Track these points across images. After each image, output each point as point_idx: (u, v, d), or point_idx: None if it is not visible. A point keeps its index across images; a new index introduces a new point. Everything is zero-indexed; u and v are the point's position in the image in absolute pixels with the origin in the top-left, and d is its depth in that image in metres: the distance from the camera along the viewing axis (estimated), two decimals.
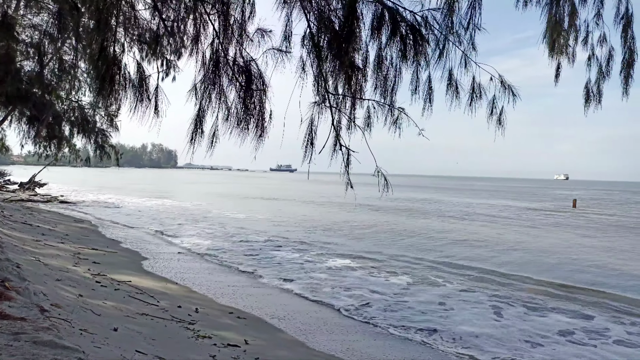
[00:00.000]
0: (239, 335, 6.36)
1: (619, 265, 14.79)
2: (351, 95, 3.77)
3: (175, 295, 8.32)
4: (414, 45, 3.57)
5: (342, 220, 25.90)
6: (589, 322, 8.63)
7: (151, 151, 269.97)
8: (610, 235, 22.38)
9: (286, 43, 3.75)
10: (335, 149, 3.85)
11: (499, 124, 3.98)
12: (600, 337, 7.86)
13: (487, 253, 16.20)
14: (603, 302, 10.12)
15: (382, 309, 8.94)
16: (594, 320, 8.82)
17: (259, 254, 14.30)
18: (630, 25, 4.54)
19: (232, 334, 6.41)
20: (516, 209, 39.25)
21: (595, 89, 4.64)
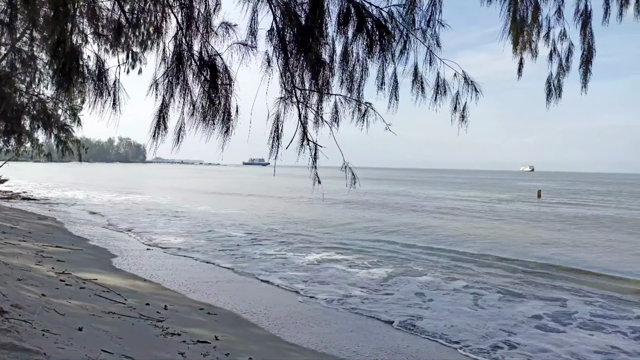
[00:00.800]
0: (210, 332, 6.31)
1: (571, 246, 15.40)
2: (318, 90, 3.77)
3: (143, 293, 8.18)
4: (379, 40, 3.59)
5: (316, 214, 25.99)
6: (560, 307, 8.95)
7: (118, 145, 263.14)
8: (567, 223, 23.26)
9: (251, 38, 3.71)
10: (303, 144, 3.84)
11: (462, 119, 4.06)
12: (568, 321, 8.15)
13: (454, 239, 16.58)
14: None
15: (360, 301, 9.04)
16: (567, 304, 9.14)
17: (233, 249, 14.20)
18: (588, 22, 4.70)
19: (202, 331, 6.36)
20: (484, 199, 40.33)
21: (556, 83, 4.78)
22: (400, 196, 42.83)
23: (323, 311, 8.37)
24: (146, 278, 9.56)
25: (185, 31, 3.73)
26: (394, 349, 6.63)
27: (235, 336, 6.51)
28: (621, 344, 7.20)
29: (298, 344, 6.56)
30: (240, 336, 6.61)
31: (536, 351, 6.78)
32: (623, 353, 6.83)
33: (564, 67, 4.75)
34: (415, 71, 3.89)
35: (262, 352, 6.02)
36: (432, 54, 3.82)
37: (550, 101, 4.74)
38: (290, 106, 3.79)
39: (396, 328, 7.63)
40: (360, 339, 6.99)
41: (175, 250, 13.74)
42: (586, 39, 4.66)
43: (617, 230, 21.06)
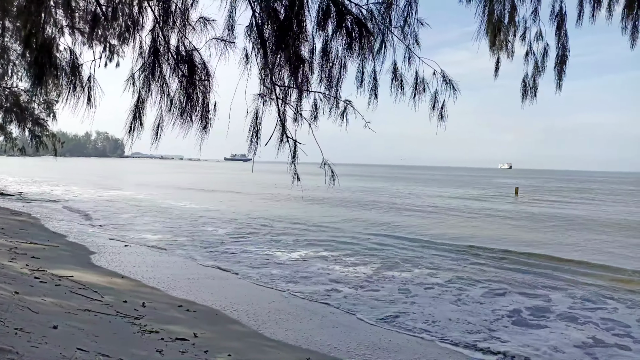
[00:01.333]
0: (188, 329, 6.26)
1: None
2: (297, 87, 3.76)
3: (121, 290, 8.06)
4: (359, 38, 3.61)
5: (297, 211, 25.97)
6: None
7: (96, 140, 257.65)
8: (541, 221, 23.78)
9: (230, 33, 3.67)
10: (282, 141, 3.83)
11: (440, 117, 4.11)
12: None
13: (437, 236, 16.79)
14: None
15: (343, 297, 9.08)
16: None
17: (214, 246, 14.10)
18: (563, 23, 4.80)
19: (181, 328, 6.30)
20: (462, 196, 40.91)
21: (532, 82, 4.88)
22: (379, 193, 43.16)
23: (305, 308, 8.38)
24: (124, 275, 9.42)
25: (162, 25, 3.67)
26: (375, 345, 6.68)
27: (214, 333, 6.47)
28: (601, 335, 7.42)
29: (279, 340, 6.57)
30: (219, 333, 6.57)
31: (517, 344, 6.94)
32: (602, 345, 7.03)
33: (539, 67, 4.86)
34: (394, 69, 3.92)
35: (241, 349, 6.01)
36: (411, 52, 3.85)
37: (526, 100, 4.84)
38: (269, 103, 3.78)
39: (378, 324, 7.69)
40: (342, 334, 7.03)
41: (155, 246, 13.58)
42: (561, 40, 4.77)
43: (589, 230, 21.62)
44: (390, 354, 6.38)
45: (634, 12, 4.61)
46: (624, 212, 29.45)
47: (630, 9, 4.60)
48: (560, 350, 6.77)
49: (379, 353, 6.39)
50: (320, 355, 6.15)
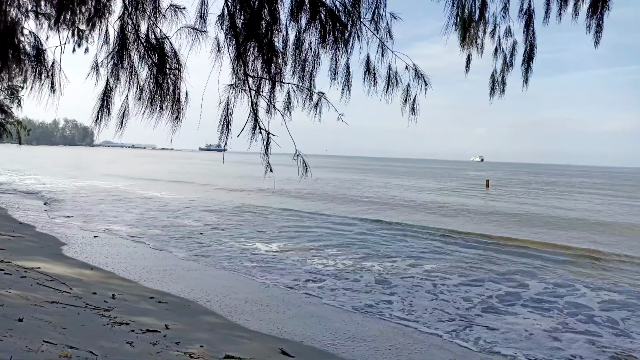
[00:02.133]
0: (160, 320, 6.21)
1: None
2: (271, 78, 3.75)
3: (90, 282, 7.92)
4: (333, 31, 3.61)
5: (272, 202, 25.92)
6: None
7: (64, 128, 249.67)
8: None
9: (201, 22, 3.62)
10: (255, 132, 3.82)
11: (412, 111, 4.17)
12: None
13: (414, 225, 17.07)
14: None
15: (319, 287, 9.20)
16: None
17: (189, 237, 13.97)
18: (531, 20, 4.92)
19: (152, 320, 6.25)
20: (435, 189, 41.70)
21: (500, 79, 5.00)
22: (354, 185, 43.47)
23: (281, 298, 8.43)
24: (94, 266, 9.26)
25: (131, 12, 3.59)
26: (351, 334, 6.78)
27: (186, 324, 6.45)
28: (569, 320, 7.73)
29: (253, 330, 6.61)
30: (191, 324, 6.55)
31: (493, 329, 7.18)
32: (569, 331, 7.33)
33: (508, 63, 4.98)
34: (367, 62, 3.95)
35: (214, 340, 6.00)
36: (384, 46, 3.89)
37: (494, 96, 4.96)
38: (242, 93, 3.76)
39: (355, 312, 7.80)
40: (317, 324, 7.11)
41: (128, 237, 13.35)
42: (529, 37, 4.89)
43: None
44: (366, 342, 6.49)
45: (598, 11, 4.76)
46: (582, 207, 30.58)
47: (594, 9, 4.74)
48: (529, 336, 7.04)
49: (353, 341, 6.49)
50: (295, 344, 6.22)
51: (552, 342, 6.91)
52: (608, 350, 6.67)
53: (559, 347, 6.74)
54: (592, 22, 4.90)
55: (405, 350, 6.34)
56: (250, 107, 3.77)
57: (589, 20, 4.91)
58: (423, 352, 6.36)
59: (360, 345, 6.37)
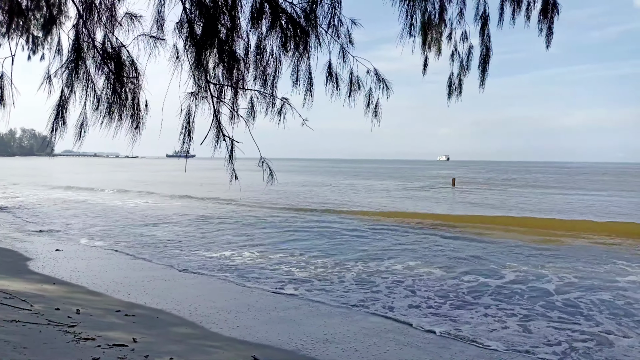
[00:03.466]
0: (127, 334, 6.05)
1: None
2: (232, 85, 3.73)
3: (53, 297, 7.64)
4: (294, 36, 3.63)
5: (242, 209, 25.72)
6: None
7: (21, 137, 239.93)
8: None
9: (159, 29, 3.57)
10: (218, 140, 3.79)
11: (375, 114, 4.23)
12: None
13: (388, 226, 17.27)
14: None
15: (294, 290, 9.20)
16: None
17: (159, 247, 13.68)
18: (486, 24, 5.09)
19: (119, 333, 6.09)
20: (403, 187, 42.37)
21: (457, 82, 5.14)
22: (322, 187, 43.65)
23: (256, 304, 8.33)
24: (57, 280, 8.94)
25: (86, 20, 3.50)
26: (327, 336, 6.78)
27: (155, 337, 6.31)
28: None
29: (225, 338, 6.52)
30: (161, 336, 6.41)
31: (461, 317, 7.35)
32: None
33: (464, 66, 5.13)
34: (329, 67, 3.99)
35: (184, 351, 5.89)
36: (345, 51, 3.93)
37: (452, 98, 5.10)
38: (203, 101, 3.72)
39: (332, 314, 7.82)
40: (292, 328, 7.07)
41: (94, 249, 12.96)
42: (484, 40, 5.06)
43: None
44: (343, 343, 6.51)
45: (549, 15, 4.98)
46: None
47: (545, 13, 4.96)
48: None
49: (331, 343, 6.49)
50: (269, 350, 6.18)
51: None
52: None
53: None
54: (543, 26, 5.12)
55: (383, 348, 6.41)
56: (212, 114, 3.74)
57: (540, 24, 5.12)
58: (404, 349, 6.43)
59: (336, 348, 6.39)
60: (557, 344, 6.75)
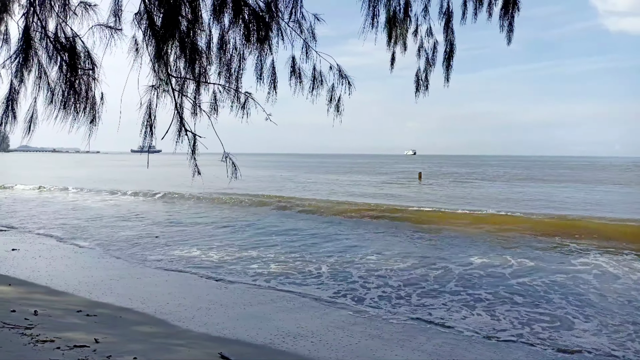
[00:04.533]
0: (89, 335, 5.87)
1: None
2: (194, 78, 3.64)
3: (8, 299, 7.33)
4: (257, 30, 3.58)
5: (207, 207, 25.39)
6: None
7: None
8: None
9: (116, 20, 3.43)
10: (180, 134, 3.70)
11: (337, 110, 4.23)
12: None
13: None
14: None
15: (263, 284, 9.21)
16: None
17: (124, 245, 13.32)
18: (450, 20, 5.17)
19: (80, 334, 5.90)
20: (371, 182, 42.86)
21: (424, 77, 5.22)
22: (288, 181, 43.61)
23: (224, 300, 8.24)
24: (12, 281, 8.57)
25: (37, 8, 3.32)
26: (297, 330, 6.78)
27: (118, 336, 6.15)
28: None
29: (192, 336, 6.42)
30: (124, 336, 6.26)
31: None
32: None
33: (430, 62, 5.20)
34: (292, 62, 3.96)
35: (149, 350, 5.77)
36: (308, 47, 3.91)
37: (419, 93, 5.17)
38: (165, 95, 3.62)
39: (301, 307, 7.84)
40: (261, 323, 7.03)
41: (56, 247, 12.49)
42: (448, 36, 5.14)
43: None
44: (311, 338, 6.52)
45: (509, 12, 5.11)
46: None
47: (506, 10, 5.09)
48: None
49: (300, 339, 6.50)
50: (237, 346, 6.13)
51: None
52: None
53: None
54: (504, 22, 5.25)
55: (354, 339, 6.48)
56: (174, 108, 3.64)
57: (502, 21, 5.25)
58: (374, 340, 6.50)
59: (307, 341, 6.41)
60: (521, 326, 7.05)
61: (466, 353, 6.19)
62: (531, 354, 6.17)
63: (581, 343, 6.56)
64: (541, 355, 6.15)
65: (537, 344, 6.51)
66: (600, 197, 28.83)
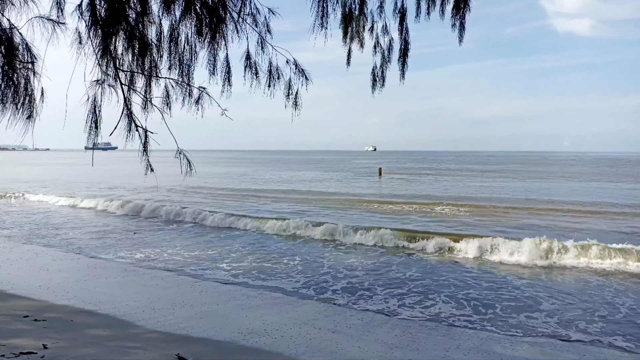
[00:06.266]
0: (37, 340, 5.61)
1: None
2: (144, 72, 3.52)
3: None
4: (210, 23, 3.50)
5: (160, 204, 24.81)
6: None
7: None
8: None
9: (58, 11, 3.27)
10: (131, 131, 3.58)
11: (295, 105, 4.21)
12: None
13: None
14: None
15: (219, 282, 9.12)
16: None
17: (76, 245, 12.79)
18: (405, 18, 5.24)
19: (27, 340, 5.62)
20: (329, 178, 43.19)
21: (380, 73, 5.27)
22: (245, 177, 43.29)
23: (179, 300, 8.07)
24: None
25: None
26: (254, 327, 6.73)
27: (69, 341, 5.90)
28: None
29: (147, 337, 6.26)
30: (75, 340, 6.02)
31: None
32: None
33: (386, 59, 5.26)
34: (248, 57, 3.90)
35: (100, 354, 5.58)
36: (264, 41, 3.86)
37: (375, 90, 5.21)
38: (110, 89, 3.48)
39: (260, 305, 7.78)
40: (219, 322, 6.95)
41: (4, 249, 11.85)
42: (403, 34, 5.21)
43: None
44: (272, 334, 6.49)
45: (461, 11, 5.22)
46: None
47: (457, 9, 5.19)
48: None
49: (258, 335, 6.45)
50: (197, 346, 6.02)
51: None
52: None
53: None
54: (456, 21, 5.36)
55: (314, 333, 6.50)
56: (123, 103, 3.51)
57: (453, 19, 5.36)
58: (335, 335, 6.54)
59: (265, 337, 6.38)
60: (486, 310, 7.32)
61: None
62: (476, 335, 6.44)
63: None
64: (497, 340, 6.42)
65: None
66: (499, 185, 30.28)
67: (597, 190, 29.65)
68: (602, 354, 6.18)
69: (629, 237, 13.21)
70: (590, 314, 7.59)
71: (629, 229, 15.37)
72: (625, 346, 6.42)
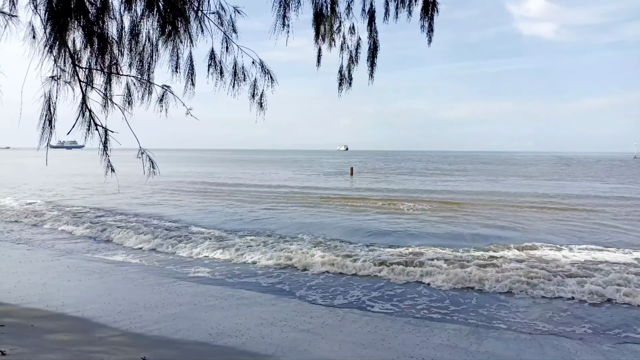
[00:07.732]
0: None
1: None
2: (103, 69, 3.42)
3: None
4: (173, 21, 3.42)
5: (121, 204, 24.28)
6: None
7: None
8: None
9: (10, 4, 3.13)
10: (90, 129, 3.46)
11: (260, 106, 4.17)
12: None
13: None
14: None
15: (189, 284, 8.83)
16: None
17: (43, 246, 12.34)
18: (373, 19, 5.27)
19: None
20: (302, 178, 43.16)
21: (347, 73, 5.28)
22: (217, 176, 42.85)
23: (149, 303, 7.88)
24: None
25: None
26: (224, 327, 6.65)
27: (29, 347, 5.69)
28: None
29: (113, 341, 6.09)
30: (36, 346, 5.80)
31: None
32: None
33: (354, 59, 5.28)
34: (212, 56, 3.83)
35: None
36: (229, 40, 3.80)
37: (342, 89, 5.22)
38: (67, 86, 3.35)
39: (230, 306, 7.70)
40: (187, 323, 6.83)
41: None
42: (372, 35, 5.24)
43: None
44: (234, 337, 6.42)
45: (429, 13, 5.30)
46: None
47: (426, 11, 5.26)
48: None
49: (229, 336, 6.38)
50: (161, 347, 5.90)
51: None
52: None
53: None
54: (425, 23, 5.43)
55: (280, 330, 6.46)
56: (82, 101, 3.39)
57: (422, 21, 5.43)
58: (302, 333, 6.52)
59: (228, 340, 6.31)
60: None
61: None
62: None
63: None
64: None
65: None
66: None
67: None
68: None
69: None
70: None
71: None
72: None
